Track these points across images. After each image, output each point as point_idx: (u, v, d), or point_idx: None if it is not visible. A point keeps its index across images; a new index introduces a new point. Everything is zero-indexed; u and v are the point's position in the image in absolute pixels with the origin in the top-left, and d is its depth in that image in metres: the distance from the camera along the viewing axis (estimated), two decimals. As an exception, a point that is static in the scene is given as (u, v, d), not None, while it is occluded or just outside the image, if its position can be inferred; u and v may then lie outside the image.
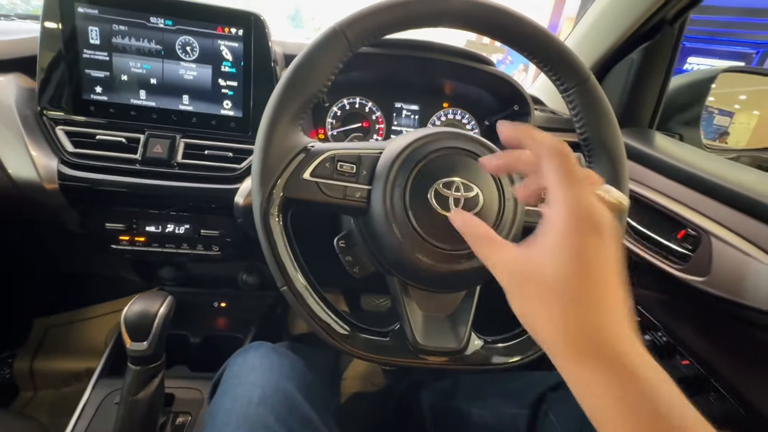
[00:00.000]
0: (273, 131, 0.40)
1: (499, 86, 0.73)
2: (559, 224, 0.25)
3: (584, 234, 0.25)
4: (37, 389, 0.98)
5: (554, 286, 0.25)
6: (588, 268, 0.25)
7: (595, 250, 0.25)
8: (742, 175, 0.59)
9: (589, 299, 0.24)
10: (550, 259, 0.25)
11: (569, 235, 0.25)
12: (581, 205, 0.25)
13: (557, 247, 0.25)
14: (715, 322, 0.57)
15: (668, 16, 0.65)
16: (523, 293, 0.27)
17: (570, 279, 0.25)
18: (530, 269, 0.26)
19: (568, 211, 0.25)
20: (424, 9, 0.41)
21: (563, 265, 0.25)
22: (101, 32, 0.57)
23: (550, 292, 0.25)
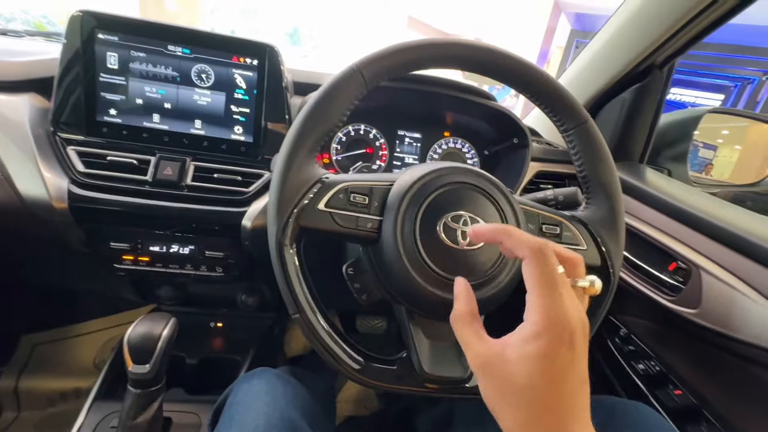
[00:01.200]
0: (291, 163, 0.41)
1: (499, 119, 0.76)
2: (532, 329, 0.27)
3: (554, 343, 0.27)
4: (21, 410, 0.95)
5: (519, 387, 0.27)
6: (553, 374, 0.26)
7: (561, 358, 0.26)
8: (729, 212, 0.62)
9: (551, 404, 0.26)
10: (518, 361, 0.27)
11: (540, 341, 0.27)
12: (555, 313, 0.27)
13: (525, 350, 0.27)
14: (706, 353, 0.59)
15: (657, 61, 0.69)
16: (490, 382, 0.28)
17: (535, 383, 0.26)
18: (499, 366, 0.28)
19: (541, 320, 0.27)
20: (435, 53, 0.44)
21: (529, 369, 0.26)
22: (120, 58, 0.58)
23: (515, 391, 0.27)
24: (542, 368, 0.26)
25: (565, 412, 0.26)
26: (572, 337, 0.27)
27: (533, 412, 0.26)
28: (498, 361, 0.28)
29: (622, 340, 0.72)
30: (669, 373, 0.64)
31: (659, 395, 0.63)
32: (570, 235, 0.48)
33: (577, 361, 0.27)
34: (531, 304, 0.28)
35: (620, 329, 0.73)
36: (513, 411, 0.27)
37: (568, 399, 0.26)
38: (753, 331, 0.51)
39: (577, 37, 6.05)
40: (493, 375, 0.28)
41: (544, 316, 0.27)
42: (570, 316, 0.27)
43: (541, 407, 0.26)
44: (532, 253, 0.29)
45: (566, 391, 0.26)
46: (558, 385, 0.26)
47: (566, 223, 0.48)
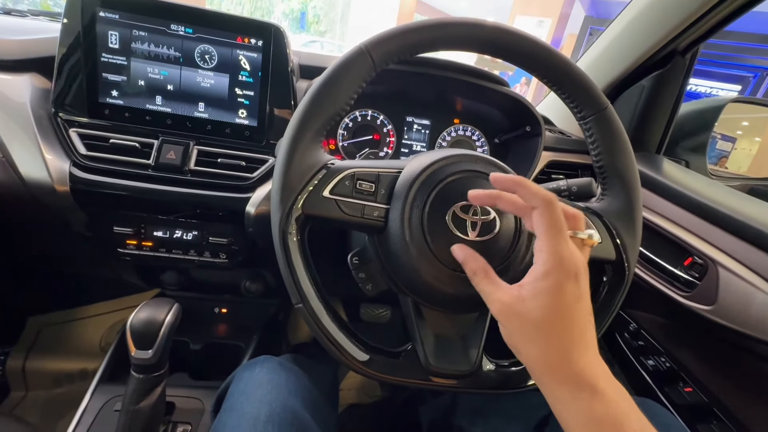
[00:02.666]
0: (295, 148, 0.40)
1: (511, 106, 0.74)
2: (543, 268, 0.31)
3: (562, 277, 0.30)
4: (28, 389, 0.96)
5: (536, 321, 0.31)
6: (564, 306, 0.30)
7: (569, 291, 0.30)
8: (748, 205, 0.60)
9: (565, 333, 0.30)
10: (533, 298, 0.31)
11: (550, 277, 0.31)
12: (562, 253, 0.31)
13: (539, 288, 0.31)
14: (719, 350, 0.58)
15: (680, 47, 0.66)
16: (512, 326, 0.32)
17: (549, 316, 0.30)
18: (517, 306, 0.31)
19: (551, 258, 0.31)
20: (449, 34, 0.42)
21: (543, 304, 0.30)
22: (121, 37, 0.57)
23: (533, 326, 0.31)
24: (554, 301, 0.30)
25: (576, 340, 0.30)
26: (577, 274, 0.31)
27: (550, 343, 0.30)
28: (516, 302, 0.31)
29: (632, 335, 0.71)
30: (680, 370, 0.62)
31: (669, 392, 0.62)
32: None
33: (583, 297, 0.32)
34: (541, 247, 0.32)
35: (630, 324, 0.72)
36: (532, 345, 0.31)
37: (578, 329, 0.31)
38: (771, 329, 0.49)
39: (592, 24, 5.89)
40: (514, 315, 0.32)
41: (553, 255, 0.31)
42: (575, 256, 0.32)
43: (555, 337, 0.30)
44: (544, 202, 0.32)
45: (576, 321, 0.31)
46: (568, 317, 0.30)
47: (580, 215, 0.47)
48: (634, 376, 0.68)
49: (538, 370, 0.31)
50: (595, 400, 0.28)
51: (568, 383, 0.30)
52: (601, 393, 0.28)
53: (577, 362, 0.30)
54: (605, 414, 0.28)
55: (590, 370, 0.30)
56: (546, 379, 0.31)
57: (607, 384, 0.29)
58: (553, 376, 0.30)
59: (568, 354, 0.30)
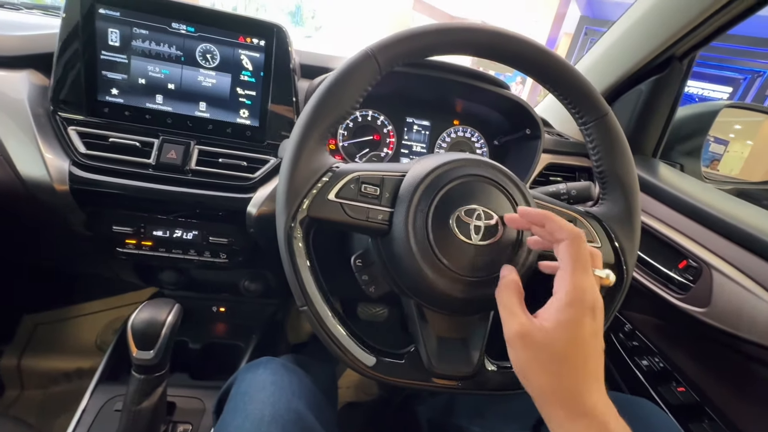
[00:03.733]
0: (301, 151, 0.40)
1: (510, 108, 0.74)
2: (566, 299, 0.32)
3: (583, 311, 0.31)
4: (23, 388, 0.96)
5: (554, 353, 0.31)
6: (582, 340, 0.31)
7: (587, 326, 0.31)
8: (741, 209, 0.61)
9: (580, 367, 0.31)
10: (554, 329, 0.31)
11: (571, 310, 0.31)
12: (585, 287, 0.32)
13: (561, 320, 0.31)
14: (711, 351, 0.59)
15: (678, 52, 0.67)
16: (527, 353, 0.32)
17: (567, 348, 0.31)
18: (537, 335, 0.32)
19: (574, 292, 0.32)
20: (453, 38, 0.42)
21: (563, 336, 0.31)
22: (121, 35, 0.56)
23: (550, 357, 0.31)
24: (573, 334, 0.31)
25: (590, 375, 0.31)
26: (595, 309, 0.32)
27: (564, 376, 0.30)
28: (537, 331, 0.32)
29: (627, 335, 0.72)
30: (673, 370, 0.64)
31: (662, 392, 0.63)
32: (584, 232, 0.47)
33: (598, 333, 0.32)
34: (564, 280, 0.32)
35: (625, 325, 0.73)
36: (546, 375, 0.31)
37: (591, 364, 0.31)
38: (763, 331, 0.50)
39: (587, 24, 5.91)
40: (531, 343, 0.32)
41: (576, 289, 0.32)
42: (596, 291, 0.33)
43: (570, 370, 0.31)
44: (571, 236, 0.34)
45: (591, 356, 0.31)
46: (584, 351, 0.31)
47: (580, 219, 0.47)
48: (629, 375, 0.70)
49: (547, 401, 0.31)
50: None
51: (578, 418, 0.30)
52: (608, 428, 0.29)
53: (589, 398, 0.30)
54: None
55: (602, 407, 0.30)
56: (556, 411, 0.31)
57: (617, 423, 0.30)
58: (564, 410, 0.30)
59: (582, 389, 0.30)
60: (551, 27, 6.32)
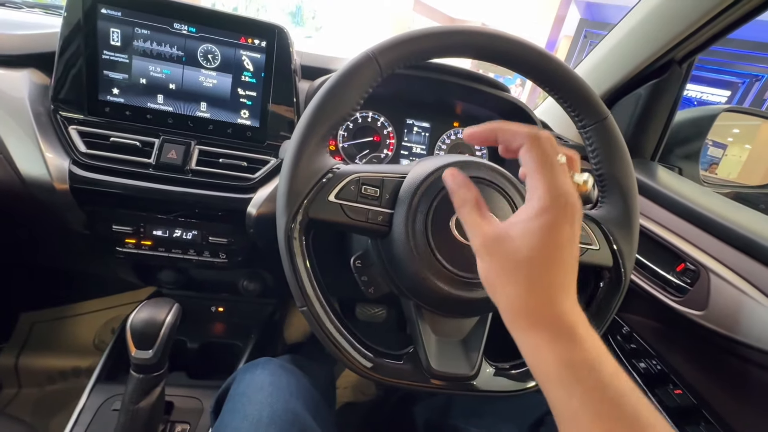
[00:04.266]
0: (302, 152, 0.40)
1: (510, 111, 0.75)
2: (539, 204, 0.28)
3: (555, 216, 0.28)
4: (21, 386, 0.95)
5: (522, 261, 0.28)
6: (552, 247, 0.28)
7: (561, 232, 0.28)
8: (739, 213, 0.61)
9: (550, 276, 0.28)
10: (522, 235, 0.28)
11: (542, 215, 0.28)
12: (556, 190, 0.28)
13: (530, 226, 0.28)
14: (709, 354, 0.59)
15: (677, 56, 0.67)
16: (493, 263, 0.29)
17: (535, 255, 0.28)
18: (503, 241, 0.29)
19: (549, 194, 0.28)
20: (455, 42, 0.42)
21: (532, 242, 0.28)
22: (123, 35, 0.56)
23: (517, 266, 0.28)
24: (545, 241, 0.28)
25: (560, 284, 0.28)
26: (573, 214, 0.28)
27: (533, 285, 0.28)
28: (502, 239, 0.29)
29: (625, 338, 0.72)
30: (670, 373, 0.64)
31: (659, 394, 0.63)
32: (583, 234, 0.47)
33: (575, 239, 0.29)
34: (534, 183, 0.29)
35: (623, 327, 0.73)
36: (512, 285, 0.28)
37: (562, 274, 0.28)
38: (760, 335, 0.51)
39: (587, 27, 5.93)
40: (496, 253, 0.29)
41: (550, 191, 0.28)
42: (573, 194, 0.28)
43: (537, 280, 0.28)
44: (530, 138, 0.30)
45: (564, 265, 0.28)
46: (558, 259, 0.28)
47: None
48: (626, 378, 0.70)
49: (513, 312, 0.29)
50: (573, 345, 0.26)
51: (546, 328, 0.27)
52: (579, 338, 0.27)
53: (558, 306, 0.28)
54: (583, 359, 0.26)
55: (570, 315, 0.28)
56: (522, 322, 0.28)
57: (586, 330, 0.28)
58: (531, 320, 0.28)
59: (551, 298, 0.28)
60: (551, 29, 6.34)
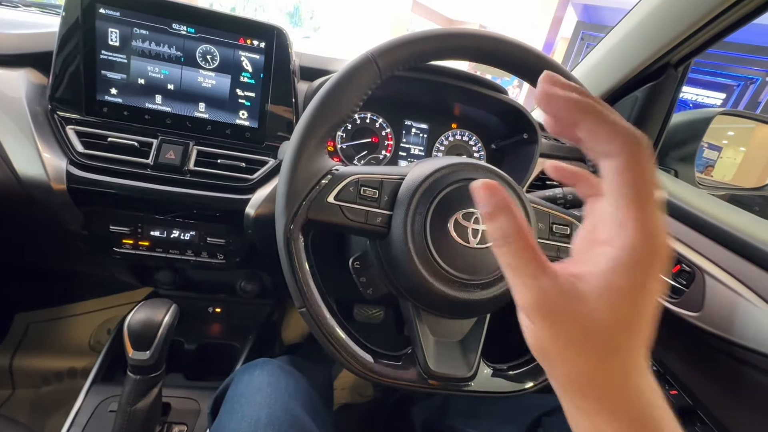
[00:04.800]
0: (301, 154, 0.40)
1: (508, 113, 0.75)
2: (623, 254, 0.20)
3: (648, 271, 0.20)
4: (15, 387, 0.95)
5: (597, 326, 0.20)
6: (638, 311, 0.20)
7: (651, 294, 0.20)
8: (734, 215, 0.62)
9: (630, 345, 0.21)
10: (600, 293, 0.20)
11: (632, 269, 0.20)
12: (654, 236, 0.19)
13: (613, 282, 0.20)
14: (704, 355, 0.60)
15: (673, 60, 0.68)
16: (554, 327, 0.21)
17: (617, 321, 0.20)
18: (572, 301, 0.21)
19: (638, 242, 0.19)
20: (453, 44, 0.43)
21: (614, 304, 0.20)
22: (121, 35, 0.56)
23: (590, 332, 0.20)
24: (631, 304, 0.20)
25: (638, 359, 0.21)
26: (663, 267, 0.20)
27: (605, 359, 0.20)
28: (572, 298, 0.20)
29: (621, 339, 0.73)
30: (666, 374, 0.64)
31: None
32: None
33: (656, 299, 0.21)
34: (624, 219, 0.20)
35: (619, 328, 0.74)
36: (579, 359, 0.21)
37: (639, 341, 0.21)
38: (754, 336, 0.51)
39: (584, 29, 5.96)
40: (560, 316, 0.21)
41: (646, 237, 0.19)
42: (666, 239, 0.20)
43: (615, 352, 0.20)
44: (631, 150, 0.19)
45: (644, 332, 0.21)
46: (641, 325, 0.20)
47: (577, 224, 0.48)
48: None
49: (575, 389, 0.22)
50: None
51: (618, 411, 0.21)
52: (655, 425, 0.20)
53: (635, 385, 0.21)
54: None
55: (649, 394, 0.21)
56: (587, 403, 0.21)
57: (663, 412, 0.21)
58: (600, 402, 0.21)
59: (628, 374, 0.21)
60: (548, 31, 6.37)
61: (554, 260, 0.47)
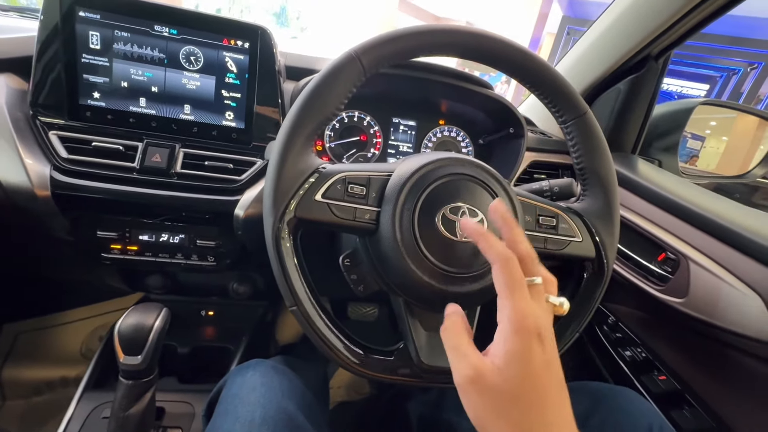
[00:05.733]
0: (287, 153, 0.40)
1: (495, 108, 0.76)
2: (504, 328, 0.28)
3: (525, 336, 0.28)
4: (5, 399, 0.93)
5: (507, 392, 0.27)
6: (532, 371, 0.27)
7: (533, 356, 0.28)
8: (716, 203, 0.64)
9: (534, 407, 0.27)
10: (506, 366, 0.28)
11: (517, 338, 0.28)
12: (521, 309, 0.28)
13: (505, 353, 0.28)
14: (691, 340, 0.61)
15: (654, 52, 0.69)
16: (482, 400, 0.28)
17: (519, 384, 0.27)
18: (492, 377, 0.28)
19: (511, 318, 0.28)
20: (437, 40, 0.43)
21: (516, 372, 0.27)
22: (102, 38, 0.55)
23: (506, 399, 0.27)
24: (524, 369, 0.27)
25: (547, 415, 0.27)
26: (540, 333, 0.28)
27: (521, 420, 0.27)
28: (490, 371, 0.28)
29: (611, 327, 0.74)
30: (654, 360, 0.66)
31: (645, 381, 0.65)
32: (566, 227, 0.48)
33: (552, 364, 0.29)
34: (500, 306, 0.29)
35: (609, 317, 0.75)
36: (503, 422, 0.27)
37: (549, 401, 0.27)
38: (738, 320, 0.52)
39: (569, 24, 6.02)
40: (486, 387, 0.28)
41: (513, 313, 0.28)
42: (536, 312, 0.29)
43: (524, 413, 0.27)
44: (498, 259, 0.30)
45: (546, 393, 0.27)
46: (538, 388, 0.27)
47: (562, 215, 0.49)
48: (613, 366, 0.72)
49: None
50: None
51: None
52: None
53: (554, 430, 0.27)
54: None
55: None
56: None
57: None
58: None
59: (544, 422, 0.27)
60: (534, 27, 6.41)
61: (542, 251, 0.48)
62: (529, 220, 0.48)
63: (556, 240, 0.48)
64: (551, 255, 0.48)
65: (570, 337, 0.48)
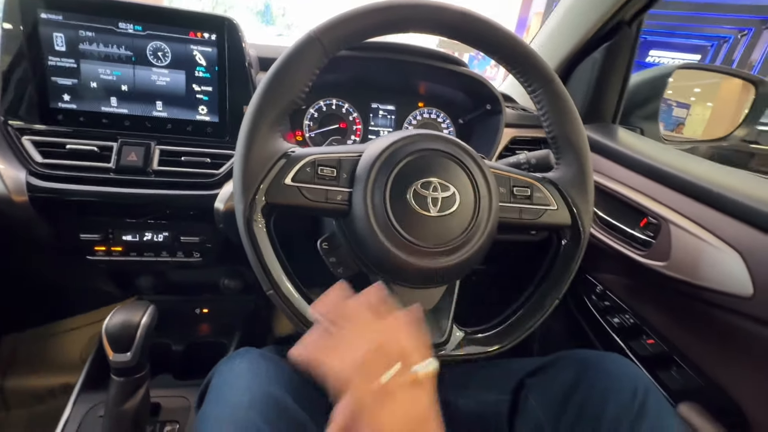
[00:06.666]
0: (253, 138, 0.40)
1: (472, 86, 0.75)
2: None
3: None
4: (9, 408, 0.94)
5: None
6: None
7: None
8: (695, 166, 0.64)
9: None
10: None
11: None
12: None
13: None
14: (676, 302, 0.62)
15: (626, 17, 0.69)
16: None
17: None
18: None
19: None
20: (398, 16, 0.43)
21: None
22: (67, 38, 0.55)
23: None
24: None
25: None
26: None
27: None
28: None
29: (598, 296, 0.75)
30: (642, 325, 0.66)
31: (633, 345, 0.66)
32: (541, 197, 0.49)
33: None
34: None
35: (596, 286, 0.76)
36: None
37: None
38: (719, 278, 0.53)
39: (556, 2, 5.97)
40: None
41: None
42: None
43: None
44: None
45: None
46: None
47: (537, 185, 0.49)
48: (602, 334, 0.72)
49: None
50: None
51: None
52: None
53: None
54: None
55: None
56: None
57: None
58: None
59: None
60: (521, 6, 6.35)
61: (517, 222, 0.48)
62: (504, 191, 0.48)
63: (530, 210, 0.48)
64: (527, 225, 0.48)
65: (549, 305, 0.48)
